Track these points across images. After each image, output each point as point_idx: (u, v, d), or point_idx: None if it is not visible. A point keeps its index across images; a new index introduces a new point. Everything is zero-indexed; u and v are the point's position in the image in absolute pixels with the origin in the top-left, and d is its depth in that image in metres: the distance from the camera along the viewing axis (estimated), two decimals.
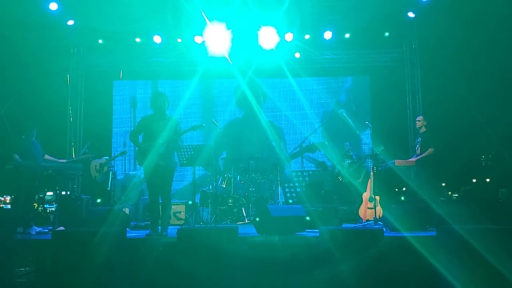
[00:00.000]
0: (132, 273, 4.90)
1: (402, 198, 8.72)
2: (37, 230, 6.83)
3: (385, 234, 5.47)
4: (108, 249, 4.77)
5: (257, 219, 6.30)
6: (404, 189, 8.79)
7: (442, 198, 7.49)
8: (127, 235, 5.54)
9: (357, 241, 4.99)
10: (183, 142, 6.46)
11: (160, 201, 6.27)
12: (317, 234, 5.52)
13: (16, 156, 6.76)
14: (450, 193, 8.91)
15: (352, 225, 7.26)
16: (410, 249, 5.18)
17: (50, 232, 6.19)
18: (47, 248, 5.21)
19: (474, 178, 8.98)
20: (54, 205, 7.81)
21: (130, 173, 10.51)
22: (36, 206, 7.63)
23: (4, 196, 8.33)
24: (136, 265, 4.99)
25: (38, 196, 7.55)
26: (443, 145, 7.81)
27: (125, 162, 10.55)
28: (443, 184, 8.58)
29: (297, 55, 10.30)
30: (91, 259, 4.70)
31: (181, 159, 6.63)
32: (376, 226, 6.56)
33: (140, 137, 6.26)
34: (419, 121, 7.79)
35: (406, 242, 5.35)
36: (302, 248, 5.32)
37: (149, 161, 5.95)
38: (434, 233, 5.59)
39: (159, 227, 6.10)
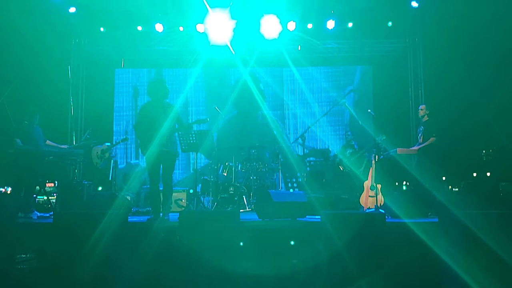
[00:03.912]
0: (134, 256, 4.90)
1: (404, 187, 8.70)
2: (38, 215, 6.83)
3: (386, 220, 5.48)
4: (110, 232, 4.78)
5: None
6: (404, 182, 8.77)
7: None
8: (129, 219, 5.54)
9: (358, 225, 4.99)
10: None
11: (161, 188, 6.29)
12: (318, 220, 5.52)
13: (18, 141, 6.76)
14: (450, 187, 8.88)
15: None
16: (412, 235, 5.18)
17: (52, 216, 6.19)
18: (48, 231, 5.22)
19: (474, 172, 8.93)
20: (55, 195, 7.82)
21: (132, 162, 10.49)
22: (36, 197, 7.61)
23: (5, 187, 8.31)
24: (138, 248, 4.99)
25: (39, 188, 7.53)
26: (444, 137, 7.78)
27: (126, 151, 10.52)
28: (444, 178, 8.54)
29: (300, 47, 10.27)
30: (92, 242, 4.71)
31: (182, 144, 6.60)
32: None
33: None
34: (421, 109, 7.76)
35: (407, 228, 5.36)
36: (303, 232, 5.33)
37: (152, 148, 5.95)
38: (435, 220, 5.59)
39: (161, 213, 6.11)
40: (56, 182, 8.06)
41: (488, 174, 8.61)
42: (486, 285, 4.27)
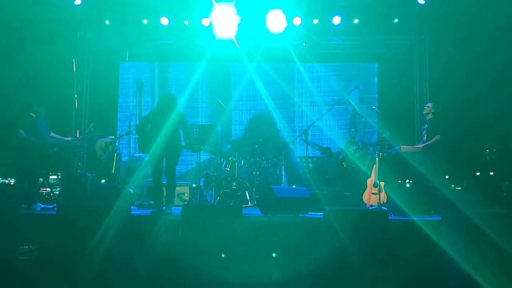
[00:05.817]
0: (136, 249, 4.92)
1: (408, 185, 8.68)
2: (41, 207, 6.85)
3: (389, 217, 5.48)
4: (113, 225, 4.79)
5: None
6: (407, 181, 8.75)
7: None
8: (132, 212, 5.56)
9: (361, 222, 4.99)
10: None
11: (165, 182, 6.31)
12: (321, 216, 5.51)
13: (22, 132, 6.77)
14: (453, 185, 8.87)
15: None
16: (415, 232, 5.18)
17: (55, 208, 6.21)
18: (52, 222, 5.24)
19: (477, 172, 8.90)
20: (58, 188, 7.85)
21: (135, 155, 10.49)
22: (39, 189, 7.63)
23: (9, 179, 8.35)
24: (141, 241, 5.01)
25: (43, 180, 7.55)
26: (448, 135, 7.74)
27: (130, 144, 10.56)
28: (447, 177, 8.54)
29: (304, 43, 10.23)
30: (95, 234, 4.73)
31: (186, 139, 6.61)
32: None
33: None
34: (428, 107, 7.71)
35: (411, 226, 5.35)
36: (307, 228, 5.33)
37: (156, 145, 5.97)
38: (439, 218, 5.58)
39: (164, 207, 6.13)
40: (58, 174, 8.09)
41: (492, 173, 8.59)
42: (491, 280, 4.26)
